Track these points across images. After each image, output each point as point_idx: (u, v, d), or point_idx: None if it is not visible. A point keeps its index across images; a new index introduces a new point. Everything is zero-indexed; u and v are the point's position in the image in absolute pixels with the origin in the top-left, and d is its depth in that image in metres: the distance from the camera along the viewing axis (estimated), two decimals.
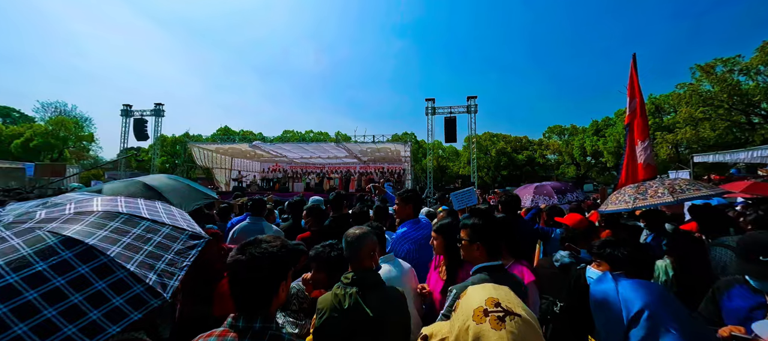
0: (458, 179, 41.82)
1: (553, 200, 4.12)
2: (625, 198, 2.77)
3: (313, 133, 38.12)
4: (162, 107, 18.33)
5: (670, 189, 2.50)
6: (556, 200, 4.14)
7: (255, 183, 22.06)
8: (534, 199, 4.28)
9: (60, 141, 26.99)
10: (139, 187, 2.10)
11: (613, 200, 2.92)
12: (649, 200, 2.56)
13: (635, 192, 2.72)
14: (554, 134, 32.94)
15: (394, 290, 1.46)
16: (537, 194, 4.35)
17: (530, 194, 4.39)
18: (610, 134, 22.10)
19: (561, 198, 4.18)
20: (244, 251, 1.05)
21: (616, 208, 2.82)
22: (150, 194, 2.09)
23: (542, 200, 4.18)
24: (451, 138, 16.38)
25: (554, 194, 4.21)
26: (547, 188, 4.40)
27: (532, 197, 4.32)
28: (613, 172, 26.98)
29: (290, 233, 3.01)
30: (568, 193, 4.38)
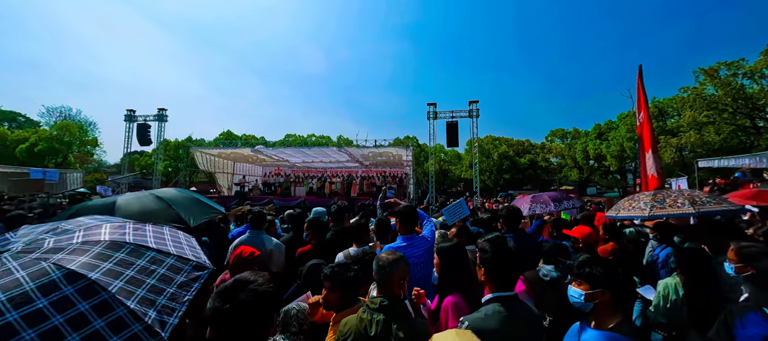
0: (460, 182, 41.73)
1: (549, 207, 4.13)
2: (639, 205, 2.69)
3: (315, 137, 38.19)
4: (165, 111, 18.44)
5: (691, 200, 2.43)
6: (552, 208, 4.14)
7: (257, 188, 22.10)
8: (531, 207, 4.30)
9: (64, 146, 27.20)
10: (151, 199, 2.12)
11: (626, 206, 2.84)
12: (668, 209, 2.49)
13: (652, 199, 2.64)
14: (557, 138, 32.81)
15: (422, 324, 1.43)
16: (534, 202, 4.36)
17: (527, 204, 4.41)
18: (613, 138, 21.98)
19: (557, 206, 4.19)
20: (226, 298, 1.01)
21: (630, 214, 2.75)
22: (161, 205, 2.11)
23: (539, 208, 4.19)
24: (453, 143, 16.35)
25: (551, 203, 4.22)
26: (543, 197, 4.42)
27: (529, 206, 4.34)
28: (617, 175, 26.84)
29: (291, 245, 2.99)
30: (564, 201, 4.39)
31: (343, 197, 18.98)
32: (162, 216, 1.97)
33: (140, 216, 1.86)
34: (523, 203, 4.50)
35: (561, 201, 4.38)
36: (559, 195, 4.44)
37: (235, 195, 18.92)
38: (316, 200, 17.76)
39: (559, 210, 4.24)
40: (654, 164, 3.88)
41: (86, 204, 2.02)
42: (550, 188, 35.93)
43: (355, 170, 24.15)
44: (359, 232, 2.58)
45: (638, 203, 2.72)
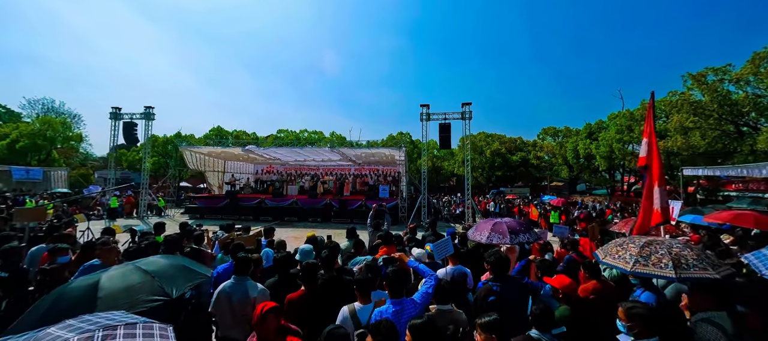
0: (453, 177, 42.02)
1: (505, 239, 4.08)
2: (625, 256, 2.71)
3: (307, 132, 37.80)
4: (152, 109, 17.96)
5: (675, 262, 2.44)
6: (507, 241, 4.08)
7: (248, 186, 21.84)
8: (489, 236, 4.27)
9: (47, 142, 26.36)
10: (135, 273, 2.13)
11: (614, 252, 2.86)
12: (650, 268, 2.51)
13: (638, 253, 2.66)
14: (548, 136, 33.17)
15: None
16: (493, 231, 4.30)
17: (487, 231, 4.36)
18: (602, 138, 22.30)
19: (513, 238, 4.08)
20: None
21: (615, 264, 2.77)
22: (145, 278, 2.13)
23: (496, 238, 4.17)
24: (445, 145, 16.37)
25: (507, 234, 4.13)
26: (502, 226, 4.31)
27: (489, 233, 4.30)
28: (605, 174, 27.33)
29: (277, 291, 2.95)
30: (520, 234, 4.19)
31: (335, 196, 18.95)
32: (146, 290, 1.95)
33: (125, 295, 1.85)
34: (485, 228, 4.46)
35: (517, 233, 4.19)
36: (518, 226, 4.29)
37: (226, 194, 18.70)
38: (308, 200, 17.70)
39: (514, 244, 4.11)
40: (660, 198, 3.93)
41: (68, 288, 1.95)
42: (540, 184, 36.44)
43: (348, 168, 24.04)
44: (364, 286, 2.52)
45: (625, 254, 2.75)
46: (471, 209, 16.58)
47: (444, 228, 15.10)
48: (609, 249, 2.91)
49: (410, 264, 2.64)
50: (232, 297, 2.79)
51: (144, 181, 18.20)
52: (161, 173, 29.09)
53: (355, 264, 3.81)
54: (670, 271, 2.39)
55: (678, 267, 2.40)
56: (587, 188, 35.41)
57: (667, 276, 2.38)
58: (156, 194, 21.31)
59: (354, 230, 4.95)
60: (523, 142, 34.89)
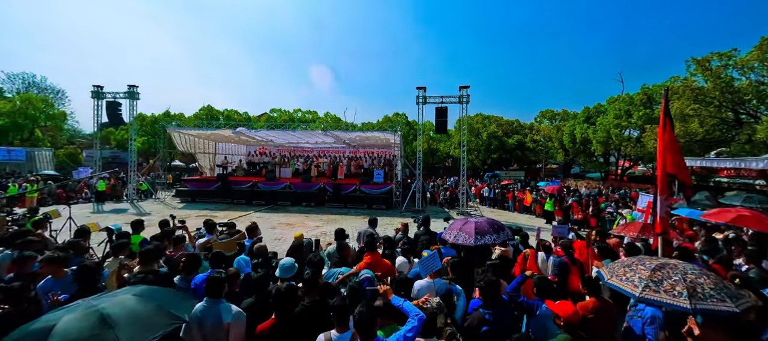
0: (448, 159, 41.81)
1: (469, 240, 3.92)
2: (634, 279, 2.49)
3: (301, 112, 36.90)
4: (136, 88, 17.16)
5: (690, 290, 2.22)
6: (471, 242, 3.92)
7: (241, 168, 21.43)
8: (457, 235, 4.13)
9: (29, 120, 25.33)
10: (94, 322, 1.74)
11: (622, 273, 2.64)
12: (662, 295, 2.29)
13: (649, 277, 2.43)
14: (545, 119, 32.78)
15: None
16: (461, 231, 4.14)
17: (456, 230, 4.22)
18: (600, 123, 22.01)
19: (478, 239, 3.89)
20: None
21: (622, 286, 2.55)
22: (103, 332, 1.76)
23: (462, 238, 4.03)
24: (442, 130, 16.00)
25: (473, 235, 3.91)
26: (470, 226, 4.09)
27: (456, 233, 4.17)
28: (600, 158, 27.29)
29: (254, 314, 2.74)
30: (487, 235, 3.96)
31: (329, 180, 18.69)
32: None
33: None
34: (455, 228, 4.30)
35: (484, 234, 3.95)
36: (487, 227, 4.04)
37: (218, 177, 18.33)
38: (301, 183, 17.43)
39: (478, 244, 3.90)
40: (661, 208, 3.73)
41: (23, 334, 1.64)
42: (535, 167, 36.48)
43: (343, 150, 23.64)
44: (342, 314, 2.31)
45: (634, 276, 2.53)
46: (466, 195, 16.50)
47: (438, 213, 15.10)
48: (616, 270, 2.70)
49: (394, 301, 2.41)
50: (204, 322, 2.56)
51: (132, 163, 17.69)
52: (152, 152, 28.39)
53: (331, 277, 3.59)
54: (685, 300, 2.18)
55: (693, 296, 2.19)
56: (581, 172, 35.57)
57: (680, 305, 2.17)
58: (146, 175, 20.85)
59: (342, 232, 4.71)
60: (520, 124, 34.51)
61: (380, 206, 16.01)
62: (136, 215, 13.06)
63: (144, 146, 29.37)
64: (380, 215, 14.21)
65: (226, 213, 13.74)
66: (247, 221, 12.23)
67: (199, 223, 6.01)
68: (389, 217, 13.94)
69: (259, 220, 12.48)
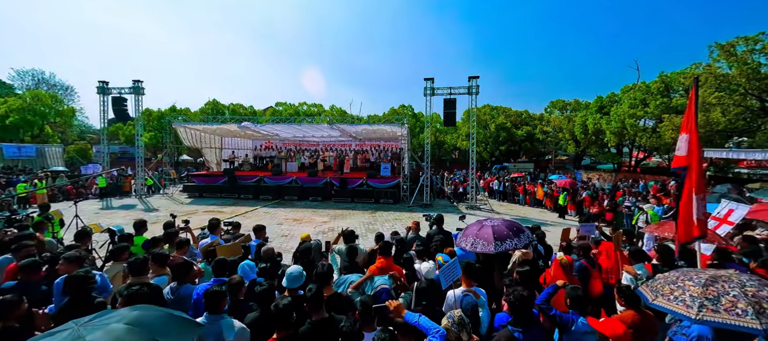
0: (455, 151, 41.23)
1: (489, 247, 3.56)
2: (685, 298, 2.15)
3: (306, 105, 36.62)
4: (141, 83, 17.04)
5: (756, 307, 1.88)
6: (492, 248, 3.56)
7: (247, 162, 21.36)
8: (474, 242, 3.74)
9: (38, 117, 25.55)
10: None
11: (668, 291, 2.28)
12: (724, 315, 1.96)
13: (702, 294, 2.10)
14: (556, 109, 31.88)
15: None
16: (478, 237, 3.76)
17: (473, 236, 3.82)
18: (614, 113, 21.22)
19: (498, 245, 3.53)
20: None
21: (673, 308, 2.19)
22: None
23: (480, 246, 3.65)
24: (450, 122, 15.58)
25: (492, 241, 3.55)
26: (487, 231, 3.69)
27: (473, 240, 3.77)
28: (613, 149, 26.49)
29: (259, 330, 2.51)
30: (507, 239, 3.59)
31: (336, 173, 18.49)
32: None
33: None
34: (470, 234, 3.85)
35: (504, 239, 3.58)
36: (506, 230, 3.65)
37: (225, 172, 18.27)
38: (308, 178, 17.25)
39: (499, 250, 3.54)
40: (697, 209, 3.35)
41: None
42: (544, 159, 35.73)
43: (349, 144, 23.40)
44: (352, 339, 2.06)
45: (683, 294, 2.18)
46: (475, 188, 16.13)
47: (446, 208, 14.80)
48: (660, 288, 2.36)
49: (408, 318, 2.14)
50: (204, 339, 2.35)
51: (139, 158, 17.70)
52: (160, 147, 28.51)
53: (341, 284, 3.34)
54: (752, 320, 1.85)
55: (761, 314, 1.86)
56: (592, 163, 34.75)
57: (750, 327, 1.84)
58: (154, 170, 20.91)
59: (352, 233, 4.45)
60: (530, 115, 33.69)
61: (387, 201, 15.77)
62: (143, 211, 13.05)
63: (151, 142, 29.50)
64: (387, 210, 14.01)
65: (233, 209, 13.66)
66: (254, 216, 12.13)
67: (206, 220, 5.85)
68: (397, 212, 13.71)
69: (265, 215, 12.36)
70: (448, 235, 5.19)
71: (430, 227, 5.85)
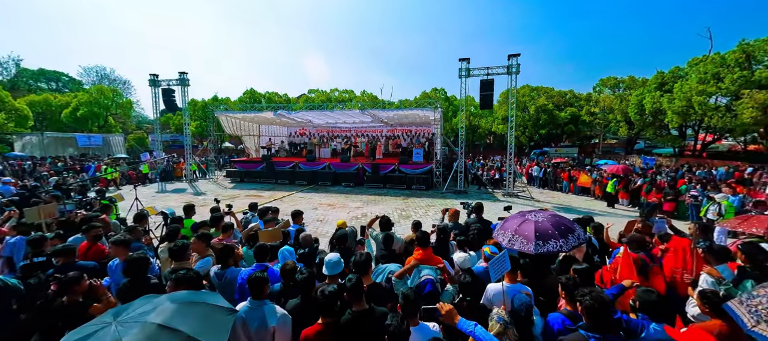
0: (489, 135, 39.47)
1: (529, 246, 3.08)
2: None
3: (338, 91, 36.90)
4: (186, 75, 18.12)
5: None
6: (531, 248, 3.08)
7: (283, 149, 22.19)
8: (512, 239, 3.27)
9: (103, 109, 28.44)
10: None
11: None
12: None
13: None
14: (606, 88, 28.95)
15: None
16: (517, 233, 3.27)
17: (511, 231, 3.35)
18: (678, 90, 18.71)
19: (539, 245, 3.02)
20: None
21: None
22: None
23: (519, 244, 3.18)
24: (486, 104, 14.72)
25: (533, 240, 3.05)
26: (528, 227, 3.17)
27: (511, 235, 3.29)
28: (674, 131, 23.65)
29: (300, 317, 2.50)
30: (551, 240, 3.07)
31: (367, 159, 18.55)
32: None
33: None
34: (509, 228, 3.34)
35: (548, 239, 3.05)
36: (551, 229, 3.15)
37: (263, 158, 19.13)
38: (340, 163, 17.50)
39: (539, 252, 3.03)
40: None
41: None
42: (590, 143, 32.95)
43: (380, 129, 23.27)
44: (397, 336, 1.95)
45: None
46: (512, 175, 15.30)
47: (482, 195, 14.24)
48: (765, 312, 1.87)
49: (462, 327, 1.97)
50: (249, 324, 2.39)
51: (187, 145, 19.08)
52: (205, 135, 30.57)
53: (380, 274, 3.24)
54: None
55: None
56: (646, 147, 31.47)
57: None
58: (200, 157, 22.49)
59: (389, 221, 4.34)
60: (575, 96, 31.00)
61: (420, 187, 15.54)
62: (192, 195, 14.10)
63: (197, 130, 31.68)
64: (420, 196, 13.81)
65: (271, 193, 14.28)
66: (291, 201, 12.58)
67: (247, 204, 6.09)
68: (429, 198, 13.46)
69: (301, 200, 12.76)
70: (487, 225, 4.90)
71: (468, 215, 5.58)
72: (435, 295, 2.93)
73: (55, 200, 5.96)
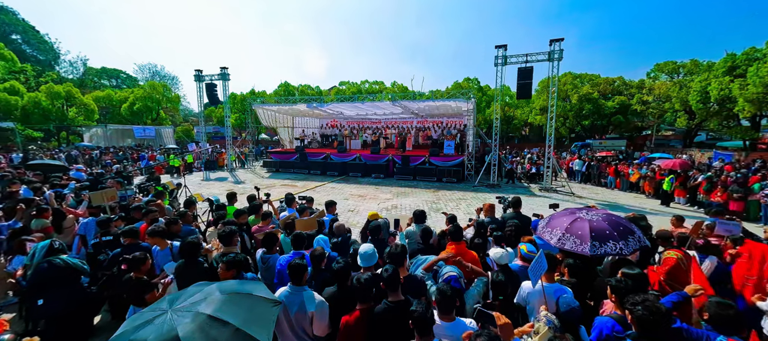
0: (525, 127, 37.46)
1: (583, 247, 2.76)
2: None
3: (368, 83, 37.00)
4: (226, 70, 19.14)
5: None
6: (587, 249, 2.77)
7: (315, 140, 22.86)
8: (562, 238, 2.94)
9: (155, 103, 31.06)
10: (216, 329, 1.73)
11: None
12: None
13: None
14: (663, 73, 26.06)
15: None
16: (569, 232, 2.93)
17: (561, 229, 3.04)
18: (753, 74, 16.32)
19: (596, 246, 2.70)
20: None
21: None
22: None
23: (570, 244, 2.84)
24: (525, 93, 13.91)
25: (588, 240, 2.75)
26: (582, 226, 2.87)
27: (562, 234, 2.98)
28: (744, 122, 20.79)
29: (337, 305, 2.56)
30: (609, 241, 2.74)
31: (397, 151, 18.50)
32: None
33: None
34: (558, 225, 3.05)
35: (606, 240, 2.76)
36: (608, 229, 2.83)
37: (296, 149, 19.84)
38: (370, 155, 17.63)
39: (597, 254, 2.71)
40: None
41: None
42: (639, 135, 30.07)
43: (410, 120, 23.06)
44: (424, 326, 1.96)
45: None
46: (551, 169, 14.43)
47: (516, 190, 13.63)
48: None
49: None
50: (289, 308, 2.50)
51: (228, 137, 20.30)
52: (243, 127, 32.31)
53: (418, 266, 3.22)
54: None
55: None
56: (708, 140, 28.11)
57: None
58: (240, 148, 23.87)
59: (423, 214, 4.29)
60: (625, 83, 28.29)
61: (451, 180, 15.23)
62: (233, 184, 15.02)
63: (236, 122, 33.52)
64: (451, 189, 13.54)
65: (304, 183, 14.79)
66: (323, 191, 12.94)
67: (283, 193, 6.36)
68: (461, 191, 13.16)
69: (332, 190, 13.08)
70: (525, 221, 4.66)
71: (504, 210, 5.36)
72: (459, 292, 2.86)
73: (117, 186, 6.66)
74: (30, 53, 37.44)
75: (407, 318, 2.24)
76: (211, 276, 2.89)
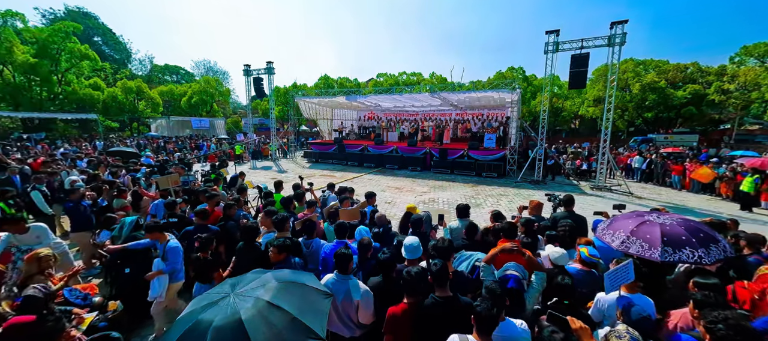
0: (575, 119, 34.52)
1: (652, 252, 2.37)
2: None
3: (406, 74, 36.64)
4: (272, 64, 20.11)
5: None
6: (656, 255, 2.37)
7: (353, 132, 23.32)
8: (626, 241, 2.61)
9: (209, 97, 33.82)
10: (276, 315, 1.87)
11: None
12: None
13: None
14: (751, 58, 22.31)
15: None
16: (635, 235, 2.60)
17: (625, 232, 2.66)
18: None
19: (667, 253, 2.34)
20: None
21: None
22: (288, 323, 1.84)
23: (636, 248, 2.49)
24: (578, 83, 12.78)
25: (659, 246, 2.39)
26: (653, 230, 2.51)
27: (626, 237, 2.63)
28: None
29: (381, 295, 2.59)
30: (684, 248, 2.37)
31: (435, 144, 18.17)
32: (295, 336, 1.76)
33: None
34: (622, 227, 2.75)
35: (681, 247, 2.41)
36: (684, 234, 2.49)
37: (335, 141, 20.41)
38: (407, 147, 17.53)
39: (668, 261, 2.37)
40: None
41: (208, 324, 1.78)
42: (716, 129, 26.18)
43: (449, 113, 22.48)
44: (486, 325, 1.89)
45: None
46: (606, 165, 13.16)
47: (564, 187, 12.67)
48: None
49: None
50: (336, 296, 2.58)
51: (273, 128, 21.47)
52: (286, 119, 33.97)
53: (464, 261, 3.13)
54: None
55: None
56: None
57: None
58: (282, 139, 25.17)
59: (467, 208, 4.17)
60: (700, 69, 24.73)
61: (491, 174, 14.64)
62: (277, 172, 15.89)
63: (279, 114, 35.30)
64: (491, 184, 13.01)
65: (342, 174, 15.18)
66: (360, 182, 13.18)
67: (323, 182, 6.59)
68: (501, 187, 12.60)
69: (369, 182, 13.26)
70: (579, 221, 4.31)
71: (555, 209, 5.01)
72: (519, 292, 2.72)
73: (180, 172, 7.39)
74: (108, 53, 42.64)
75: (454, 315, 2.20)
76: (264, 259, 3.09)
